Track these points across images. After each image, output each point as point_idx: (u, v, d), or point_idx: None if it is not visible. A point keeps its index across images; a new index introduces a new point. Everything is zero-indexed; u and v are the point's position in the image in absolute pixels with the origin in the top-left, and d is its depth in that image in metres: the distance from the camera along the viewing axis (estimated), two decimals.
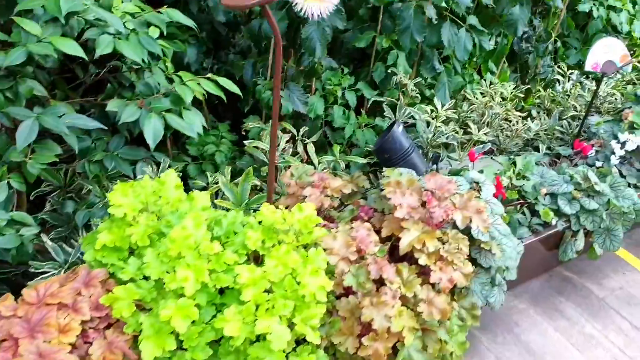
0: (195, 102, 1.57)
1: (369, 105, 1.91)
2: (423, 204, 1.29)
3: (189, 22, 1.20)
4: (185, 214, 1.10)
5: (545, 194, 1.58)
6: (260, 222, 1.13)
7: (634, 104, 1.92)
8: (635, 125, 1.77)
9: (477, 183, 1.45)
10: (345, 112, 1.85)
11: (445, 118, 1.78)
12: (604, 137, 1.89)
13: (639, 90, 1.94)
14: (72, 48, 1.05)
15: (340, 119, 1.82)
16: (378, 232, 1.29)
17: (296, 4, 1.33)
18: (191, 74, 1.34)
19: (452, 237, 1.26)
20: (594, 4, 2.42)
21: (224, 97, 1.28)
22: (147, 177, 1.15)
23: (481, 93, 2.04)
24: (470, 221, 1.26)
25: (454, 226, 1.30)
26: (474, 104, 2.01)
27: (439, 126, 1.68)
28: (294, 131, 1.69)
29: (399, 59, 1.86)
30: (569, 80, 2.28)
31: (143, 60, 1.21)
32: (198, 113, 1.25)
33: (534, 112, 2.32)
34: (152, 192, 1.14)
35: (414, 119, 1.83)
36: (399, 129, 1.53)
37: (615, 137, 1.83)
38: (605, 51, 1.71)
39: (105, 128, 1.15)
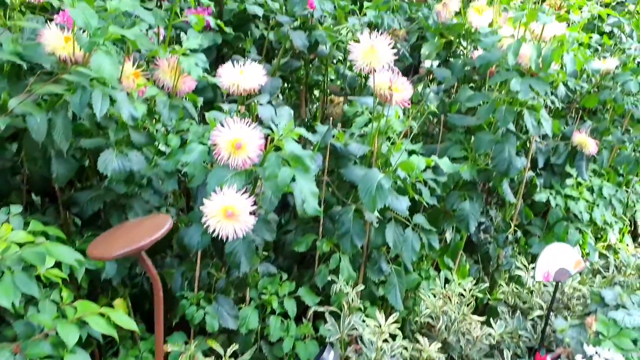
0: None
1: (312, 313, 1.76)
2: None
3: (72, 257, 1.09)
4: None
5: None
6: None
7: (600, 306, 1.77)
8: (601, 336, 1.61)
9: None
10: (284, 322, 1.68)
11: (389, 334, 1.61)
12: (572, 344, 1.72)
13: (604, 290, 1.81)
14: None
15: (278, 332, 1.65)
16: None
17: (208, 225, 1.24)
18: (93, 304, 1.20)
19: None
20: (551, 194, 2.38)
21: (116, 336, 1.12)
22: None
23: (434, 295, 1.89)
24: None
25: None
26: (428, 308, 1.86)
27: (382, 346, 1.51)
28: (221, 351, 1.52)
29: (342, 263, 1.75)
30: (534, 278, 2.16)
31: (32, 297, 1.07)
32: (84, 355, 1.08)
33: (501, 308, 2.16)
34: None
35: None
36: (329, 356, 1.35)
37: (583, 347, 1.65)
38: (556, 259, 1.60)
39: None
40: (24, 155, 1.35)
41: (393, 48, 2.19)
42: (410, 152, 1.75)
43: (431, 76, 2.33)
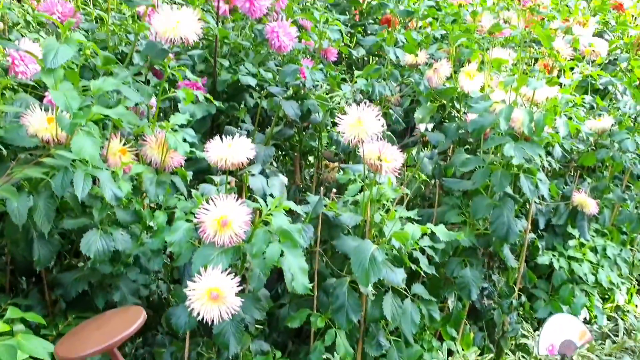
0: None
1: None
2: None
3: (44, 351, 1.04)
4: None
5: None
6: None
7: None
8: None
9: None
10: None
11: None
12: None
13: (614, 359, 1.72)
14: None
15: None
16: None
17: (192, 309, 1.19)
18: None
19: None
20: (554, 255, 2.32)
21: None
22: None
23: None
24: None
25: None
26: None
27: None
28: None
29: (338, 338, 1.68)
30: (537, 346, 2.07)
31: None
32: None
33: None
34: None
35: None
36: None
37: None
38: (561, 329, 1.54)
39: None
40: (6, 237, 1.31)
41: (384, 114, 2.20)
42: (406, 220, 1.71)
43: (426, 138, 2.31)
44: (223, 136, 1.42)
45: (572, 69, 2.29)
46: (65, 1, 1.73)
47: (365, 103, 1.44)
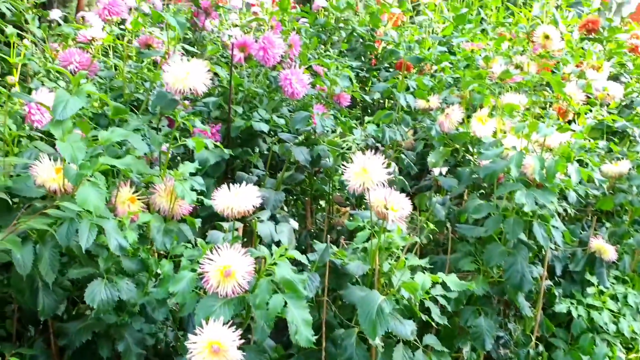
0: None
1: None
2: None
3: None
4: None
5: None
6: None
7: None
8: None
9: None
10: None
11: None
12: None
13: None
14: None
15: None
16: None
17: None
18: None
19: None
20: (572, 303, 2.26)
21: None
22: None
23: None
24: None
25: None
26: None
27: None
28: None
29: None
30: None
31: None
32: None
33: None
34: None
35: None
36: None
37: None
38: None
39: None
40: (12, 286, 1.32)
41: (396, 159, 2.19)
42: (416, 268, 1.68)
43: (440, 182, 2.29)
44: (232, 183, 1.43)
45: (586, 113, 2.26)
46: (84, 50, 1.78)
47: (371, 150, 1.44)
